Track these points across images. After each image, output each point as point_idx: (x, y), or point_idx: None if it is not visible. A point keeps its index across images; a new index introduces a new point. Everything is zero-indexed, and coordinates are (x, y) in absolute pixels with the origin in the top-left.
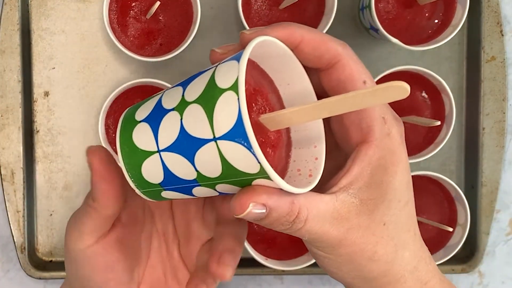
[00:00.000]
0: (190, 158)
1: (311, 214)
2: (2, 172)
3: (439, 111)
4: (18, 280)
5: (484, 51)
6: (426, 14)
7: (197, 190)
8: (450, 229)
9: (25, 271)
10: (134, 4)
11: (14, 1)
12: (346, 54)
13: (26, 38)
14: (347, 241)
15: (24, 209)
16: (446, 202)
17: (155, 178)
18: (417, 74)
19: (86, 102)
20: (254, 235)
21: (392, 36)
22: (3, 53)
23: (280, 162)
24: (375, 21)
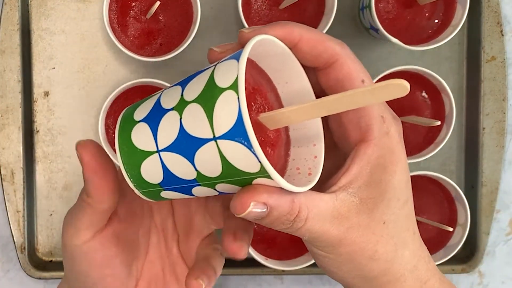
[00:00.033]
0: (190, 158)
1: (312, 213)
2: (2, 172)
3: (439, 111)
4: (18, 280)
5: (484, 51)
6: (426, 14)
7: (196, 189)
8: (450, 229)
9: (25, 271)
10: (134, 4)
11: (14, 1)
12: (344, 53)
13: (26, 38)
14: (347, 240)
15: (24, 209)
16: (446, 202)
17: (155, 178)
18: (417, 74)
19: (86, 102)
20: (254, 235)
21: (392, 36)
22: (3, 53)
23: (279, 161)
24: (375, 21)
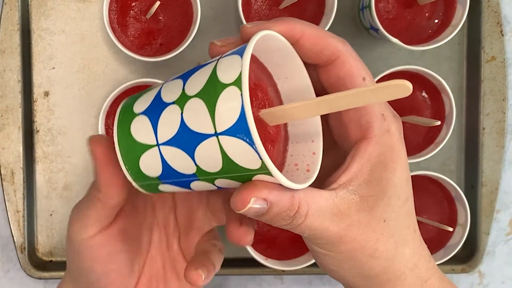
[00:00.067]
0: (190, 153)
1: (311, 209)
2: (2, 172)
3: (439, 111)
4: (18, 280)
5: (484, 51)
6: (426, 14)
7: (195, 184)
8: (450, 229)
9: (25, 271)
10: (134, 4)
11: (14, 1)
12: (345, 50)
13: (26, 38)
14: (348, 237)
15: (24, 209)
16: (446, 202)
17: (153, 171)
18: (417, 74)
19: (86, 102)
20: (254, 235)
21: (392, 36)
22: (3, 53)
23: (278, 157)
24: (375, 21)
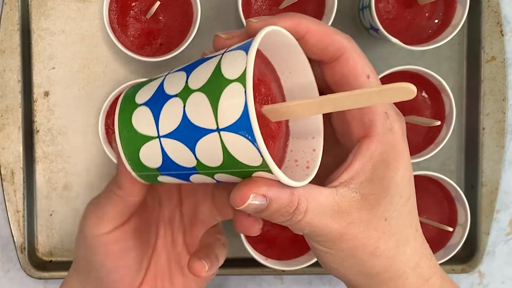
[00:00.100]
0: (191, 147)
1: (311, 205)
2: (2, 172)
3: (439, 111)
4: (18, 280)
5: (484, 51)
6: (426, 14)
7: (194, 177)
8: (450, 229)
9: (25, 271)
10: (134, 4)
11: (14, 1)
12: (350, 47)
13: (26, 38)
14: (348, 235)
15: (24, 209)
16: (446, 202)
17: (153, 162)
18: (417, 74)
19: (86, 102)
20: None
21: (392, 36)
22: (3, 53)
23: (278, 153)
24: (375, 21)
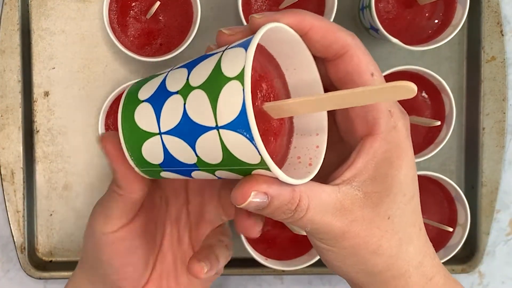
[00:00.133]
0: (191, 144)
1: (313, 202)
2: (2, 172)
3: (439, 111)
4: (18, 280)
5: (484, 51)
6: (426, 14)
7: (196, 173)
8: (450, 229)
9: (25, 271)
10: (134, 4)
11: (14, 1)
12: (354, 44)
13: (26, 38)
14: (351, 233)
15: (24, 209)
16: (446, 202)
17: (155, 159)
18: (417, 74)
19: (86, 102)
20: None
21: (392, 36)
22: (3, 53)
23: (280, 150)
24: (375, 21)
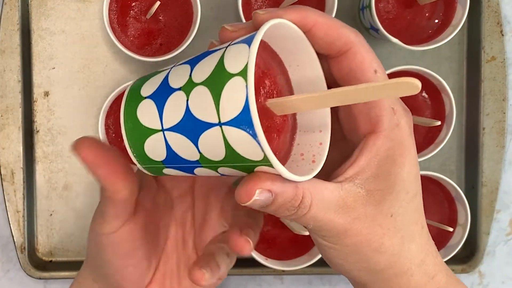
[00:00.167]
0: (194, 140)
1: (315, 199)
2: (2, 172)
3: (439, 111)
4: (18, 280)
5: (484, 51)
6: (426, 14)
7: (198, 170)
8: (450, 229)
9: (25, 271)
10: (134, 4)
11: (14, 1)
12: (358, 41)
13: (26, 38)
14: (353, 230)
15: (24, 209)
16: (446, 202)
17: (158, 155)
18: (417, 74)
19: (86, 102)
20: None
21: (392, 36)
22: (3, 53)
23: (284, 146)
24: (375, 21)
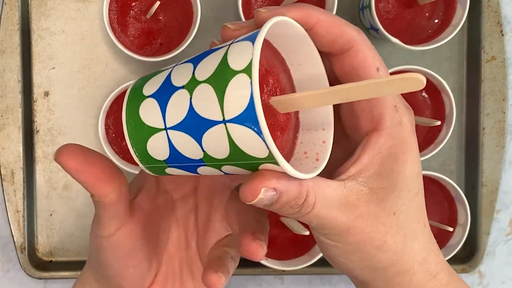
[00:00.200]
0: (198, 139)
1: (318, 197)
2: (2, 172)
3: (439, 111)
4: (18, 280)
5: (484, 51)
6: (426, 14)
7: (202, 169)
8: (450, 229)
9: (25, 271)
10: (134, 4)
11: (14, 1)
12: (360, 39)
13: (26, 38)
14: (356, 229)
15: (24, 209)
16: (446, 202)
17: (160, 154)
18: None
19: (86, 102)
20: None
21: (392, 36)
22: (3, 53)
23: (287, 145)
24: (375, 21)
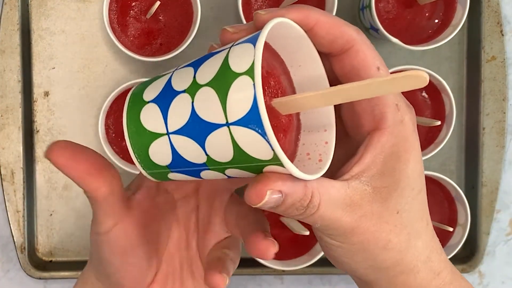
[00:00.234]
0: (201, 142)
1: (323, 199)
2: (2, 172)
3: (439, 111)
4: (18, 280)
5: (484, 51)
6: (426, 14)
7: (205, 173)
8: (450, 229)
9: (25, 271)
10: (134, 4)
11: (14, 1)
12: (360, 39)
13: (26, 38)
14: (360, 228)
15: (24, 209)
16: (446, 202)
17: (163, 160)
18: None
19: (86, 102)
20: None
21: (392, 36)
22: (3, 53)
23: (290, 146)
24: (375, 21)
